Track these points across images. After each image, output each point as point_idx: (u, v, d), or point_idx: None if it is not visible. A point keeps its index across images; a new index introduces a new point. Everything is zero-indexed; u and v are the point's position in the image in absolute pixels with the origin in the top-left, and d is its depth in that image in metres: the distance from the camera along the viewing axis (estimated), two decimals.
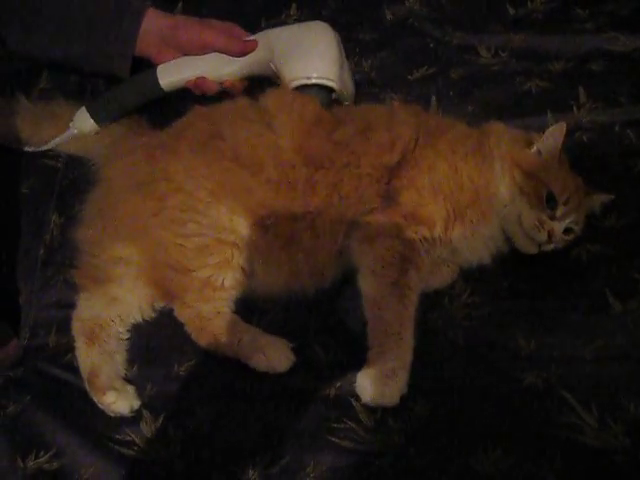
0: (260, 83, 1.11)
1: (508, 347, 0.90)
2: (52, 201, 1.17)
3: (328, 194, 0.98)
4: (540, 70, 1.22)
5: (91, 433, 0.91)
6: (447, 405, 0.85)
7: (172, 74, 1.09)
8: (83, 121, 1.12)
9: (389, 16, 1.37)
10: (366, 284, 0.94)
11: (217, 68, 1.08)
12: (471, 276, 0.99)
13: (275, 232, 0.98)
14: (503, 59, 1.26)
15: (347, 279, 0.99)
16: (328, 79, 1.03)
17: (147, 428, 0.91)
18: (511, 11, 1.32)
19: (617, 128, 1.11)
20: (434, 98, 1.21)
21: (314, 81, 1.03)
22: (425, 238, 0.96)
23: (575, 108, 1.15)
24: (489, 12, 1.34)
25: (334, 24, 1.10)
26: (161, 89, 1.10)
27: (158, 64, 1.10)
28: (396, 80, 1.26)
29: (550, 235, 0.95)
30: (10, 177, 1.19)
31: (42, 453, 0.90)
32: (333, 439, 0.85)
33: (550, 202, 0.96)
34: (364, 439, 0.84)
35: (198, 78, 1.08)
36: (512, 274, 0.97)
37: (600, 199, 1.01)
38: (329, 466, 0.83)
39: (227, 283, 0.97)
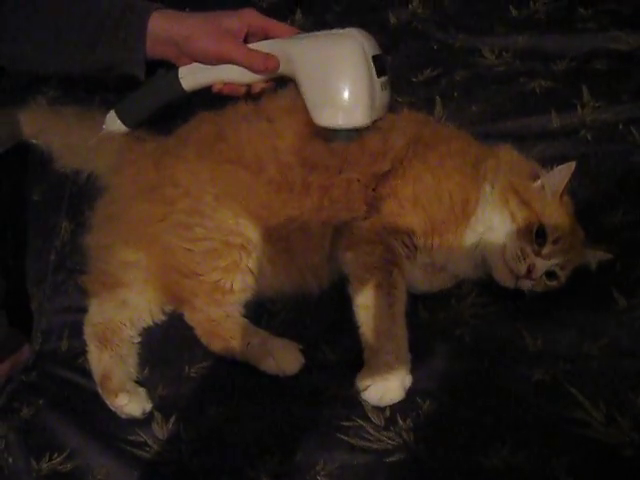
0: None
1: (515, 345, 0.90)
2: (62, 207, 1.19)
3: (320, 196, 0.98)
4: (544, 70, 1.23)
5: (104, 435, 0.92)
6: (455, 403, 0.86)
7: (194, 78, 1.00)
8: (113, 123, 1.07)
9: (393, 20, 1.38)
10: (353, 290, 0.94)
11: (242, 74, 0.97)
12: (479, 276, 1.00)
13: (276, 235, 0.99)
14: (507, 60, 1.26)
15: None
16: (357, 124, 0.92)
17: (159, 429, 0.92)
18: (514, 12, 1.33)
19: (621, 126, 1.12)
20: (439, 100, 1.22)
21: (342, 127, 0.92)
22: (406, 245, 0.97)
23: (579, 107, 1.15)
24: (492, 14, 1.34)
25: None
26: (184, 90, 1.01)
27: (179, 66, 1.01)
28: (401, 83, 1.27)
29: (530, 270, 0.92)
30: (20, 184, 1.21)
31: (56, 455, 0.91)
32: (343, 437, 0.85)
33: (539, 238, 0.93)
34: (374, 437, 0.85)
35: (225, 84, 0.99)
36: None
37: (597, 256, 0.95)
38: (339, 464, 0.84)
39: (236, 286, 0.98)
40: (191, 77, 1.00)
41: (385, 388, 0.86)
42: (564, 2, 1.31)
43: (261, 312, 1.01)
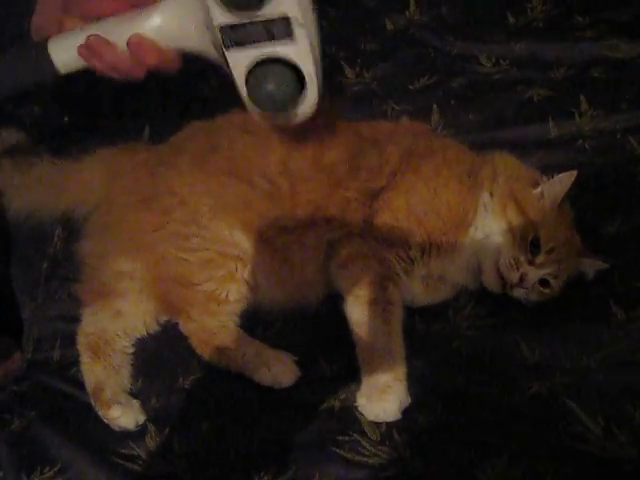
0: None
1: (513, 357, 0.90)
2: (56, 215, 1.17)
3: (313, 212, 0.97)
4: (541, 78, 1.22)
5: (96, 448, 0.91)
6: (452, 416, 0.85)
7: (71, 41, 0.73)
8: None
9: (389, 26, 1.38)
10: (348, 307, 0.93)
11: (127, 27, 0.72)
12: (477, 287, 0.99)
13: (271, 245, 0.98)
14: (504, 68, 1.26)
15: None
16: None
17: (152, 442, 0.91)
18: (511, 19, 1.32)
19: (619, 135, 1.11)
20: (435, 108, 1.22)
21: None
22: (402, 258, 0.96)
23: (577, 116, 1.15)
24: (489, 21, 1.34)
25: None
26: (55, 69, 0.73)
27: None
28: (397, 90, 1.26)
29: (522, 279, 0.92)
30: None
31: (47, 469, 0.90)
32: (339, 451, 0.84)
33: (534, 247, 0.93)
34: (369, 452, 0.84)
35: (92, 38, 0.71)
36: None
37: (593, 265, 0.95)
38: (334, 479, 0.82)
39: (231, 296, 0.97)
40: (64, 45, 0.73)
41: (382, 409, 0.85)
42: (562, 10, 1.31)
43: (256, 322, 1.00)
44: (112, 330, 1.00)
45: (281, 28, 0.65)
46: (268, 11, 0.64)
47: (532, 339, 0.91)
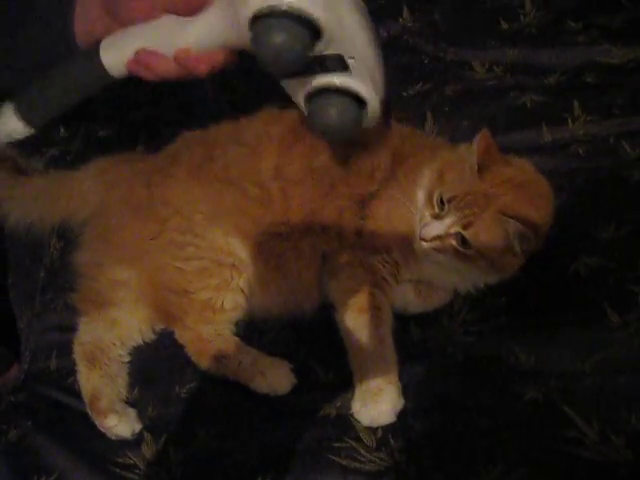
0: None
1: (507, 362, 0.90)
2: (52, 225, 1.18)
3: (305, 218, 0.97)
4: (534, 84, 1.22)
5: (93, 457, 0.91)
6: (447, 422, 0.85)
7: (120, 48, 0.71)
8: (11, 125, 0.74)
9: (383, 33, 1.37)
10: (339, 315, 0.94)
11: (172, 36, 0.69)
12: (469, 293, 0.99)
13: (267, 252, 0.98)
14: (497, 74, 1.26)
15: None
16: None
17: (148, 451, 0.91)
18: (504, 25, 1.33)
19: (612, 140, 1.11)
20: (429, 114, 1.22)
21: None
22: (387, 262, 0.96)
23: (570, 121, 1.15)
24: (482, 27, 1.34)
25: None
26: (108, 74, 0.72)
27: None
28: (391, 97, 1.26)
29: (422, 228, 0.91)
30: None
31: (44, 478, 0.90)
32: (334, 458, 0.84)
33: (441, 203, 0.91)
34: (365, 458, 0.84)
35: (140, 52, 0.69)
36: (510, 289, 0.96)
37: (516, 228, 0.87)
38: None
39: (227, 305, 0.97)
40: (115, 49, 0.72)
41: (376, 412, 0.86)
42: (554, 15, 1.31)
43: (252, 330, 1.01)
44: (108, 339, 1.00)
45: (335, 62, 0.64)
46: (318, 50, 0.62)
47: (527, 344, 0.91)
